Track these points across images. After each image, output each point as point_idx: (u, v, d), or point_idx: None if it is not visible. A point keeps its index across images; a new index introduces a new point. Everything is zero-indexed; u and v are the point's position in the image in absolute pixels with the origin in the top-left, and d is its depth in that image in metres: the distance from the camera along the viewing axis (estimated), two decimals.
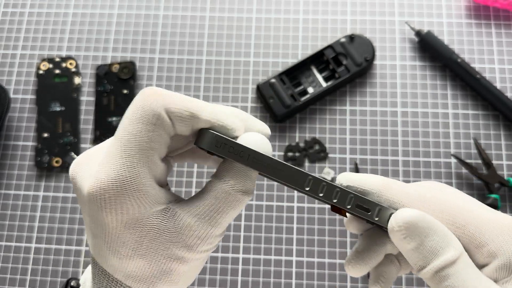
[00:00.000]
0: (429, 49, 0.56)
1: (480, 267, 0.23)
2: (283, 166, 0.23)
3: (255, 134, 0.23)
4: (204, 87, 0.56)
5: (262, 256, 0.51)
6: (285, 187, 0.53)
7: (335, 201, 0.23)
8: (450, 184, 0.52)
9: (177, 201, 0.24)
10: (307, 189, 0.24)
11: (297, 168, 0.23)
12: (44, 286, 0.51)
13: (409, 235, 0.22)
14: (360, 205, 0.23)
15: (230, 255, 0.51)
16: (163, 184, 0.25)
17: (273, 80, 0.54)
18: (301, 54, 0.57)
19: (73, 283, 0.27)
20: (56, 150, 0.54)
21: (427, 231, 0.22)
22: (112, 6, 0.60)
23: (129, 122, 0.22)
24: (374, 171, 0.53)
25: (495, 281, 0.22)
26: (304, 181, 0.23)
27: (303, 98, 0.54)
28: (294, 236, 0.51)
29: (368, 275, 0.49)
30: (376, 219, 0.23)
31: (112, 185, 0.21)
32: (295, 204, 0.52)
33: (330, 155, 0.54)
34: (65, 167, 0.54)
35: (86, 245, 0.52)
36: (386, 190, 0.24)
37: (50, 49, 0.58)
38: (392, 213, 0.23)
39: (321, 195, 0.23)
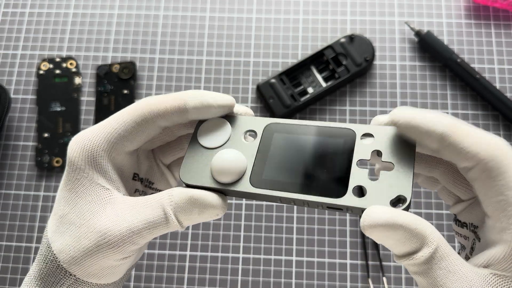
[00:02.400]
0: (428, 49, 0.56)
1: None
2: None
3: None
4: (204, 87, 0.56)
5: (262, 256, 0.51)
6: None
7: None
8: None
9: (124, 193, 0.26)
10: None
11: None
12: None
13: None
14: None
15: (230, 254, 0.51)
16: (125, 173, 0.27)
17: (273, 80, 0.54)
18: (301, 54, 0.57)
19: None
20: (56, 150, 0.54)
21: (396, 231, 0.21)
22: (112, 7, 0.60)
23: (129, 108, 0.26)
24: (374, 171, 0.53)
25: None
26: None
27: (303, 98, 0.54)
28: (294, 236, 0.51)
29: (368, 274, 0.49)
30: None
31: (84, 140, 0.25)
32: None
33: None
34: (65, 167, 0.54)
35: None
36: (453, 133, 0.22)
37: (51, 49, 0.58)
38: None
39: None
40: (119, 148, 0.26)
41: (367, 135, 0.25)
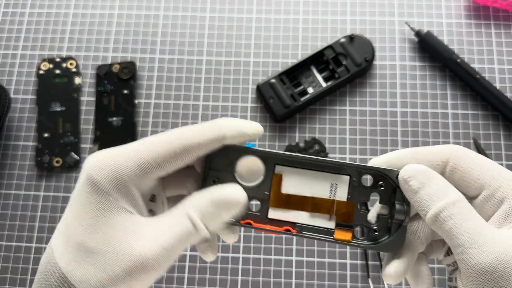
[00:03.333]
0: (428, 49, 0.56)
1: (488, 217, 0.25)
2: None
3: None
4: (204, 87, 0.56)
5: (262, 256, 0.51)
6: None
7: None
8: None
9: (147, 215, 0.26)
10: (319, 164, 0.27)
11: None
12: None
13: (414, 179, 0.25)
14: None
15: (230, 254, 0.51)
16: (146, 196, 0.27)
17: (273, 80, 0.54)
18: (301, 54, 0.57)
19: None
20: (56, 150, 0.54)
21: (430, 177, 0.25)
22: (112, 7, 0.60)
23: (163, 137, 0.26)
24: None
25: (499, 227, 0.24)
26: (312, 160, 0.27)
27: (303, 98, 0.54)
28: (294, 236, 0.51)
29: (368, 274, 0.49)
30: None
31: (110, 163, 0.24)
32: None
33: (330, 155, 0.54)
34: (65, 167, 0.54)
35: None
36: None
37: (51, 49, 0.58)
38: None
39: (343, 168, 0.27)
40: (150, 175, 0.25)
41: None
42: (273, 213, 0.27)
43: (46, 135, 0.55)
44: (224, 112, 0.55)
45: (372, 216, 0.28)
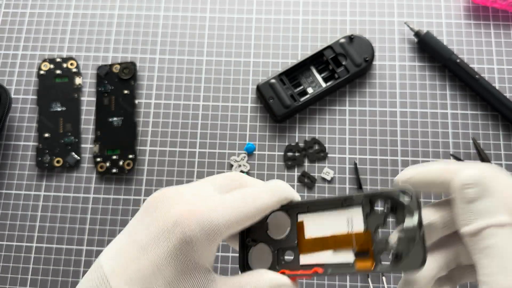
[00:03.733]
0: (428, 49, 0.56)
1: None
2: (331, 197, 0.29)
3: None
4: (204, 87, 0.57)
5: None
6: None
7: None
8: None
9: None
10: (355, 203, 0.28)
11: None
12: (45, 286, 0.51)
13: (473, 188, 0.24)
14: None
15: (230, 254, 0.51)
16: None
17: (273, 80, 0.54)
18: (301, 54, 0.57)
19: None
20: (57, 150, 0.55)
21: (489, 190, 0.24)
22: (113, 7, 0.60)
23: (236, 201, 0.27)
24: (373, 171, 0.53)
25: None
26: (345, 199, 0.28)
27: (303, 99, 0.54)
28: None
29: (368, 274, 0.49)
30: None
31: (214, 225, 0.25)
32: None
33: (329, 155, 0.54)
34: (65, 167, 0.54)
35: (87, 245, 0.52)
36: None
37: (51, 49, 0.59)
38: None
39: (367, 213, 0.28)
40: (228, 234, 0.26)
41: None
42: (304, 259, 0.29)
43: (46, 135, 0.55)
44: (224, 112, 0.56)
45: (393, 239, 0.28)
